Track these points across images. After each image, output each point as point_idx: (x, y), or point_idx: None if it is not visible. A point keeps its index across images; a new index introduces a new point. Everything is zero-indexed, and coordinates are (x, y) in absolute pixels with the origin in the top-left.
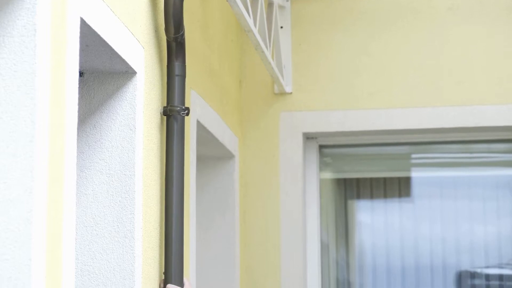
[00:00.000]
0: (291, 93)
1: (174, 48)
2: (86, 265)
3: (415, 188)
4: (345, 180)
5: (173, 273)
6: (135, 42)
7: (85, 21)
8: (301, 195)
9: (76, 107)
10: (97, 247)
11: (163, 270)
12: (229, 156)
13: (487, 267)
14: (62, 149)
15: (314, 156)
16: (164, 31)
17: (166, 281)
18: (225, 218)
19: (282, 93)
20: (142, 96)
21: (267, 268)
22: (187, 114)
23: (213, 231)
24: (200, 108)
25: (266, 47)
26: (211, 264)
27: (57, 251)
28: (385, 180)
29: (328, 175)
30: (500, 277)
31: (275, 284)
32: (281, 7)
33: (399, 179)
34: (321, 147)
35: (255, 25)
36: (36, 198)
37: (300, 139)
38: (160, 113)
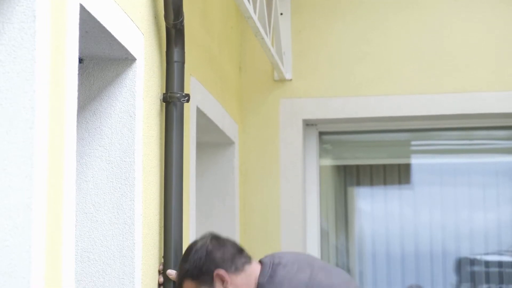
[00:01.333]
0: (291, 80)
1: (174, 34)
2: (86, 252)
3: (415, 175)
4: (345, 167)
5: (172, 259)
6: (135, 28)
7: (84, 8)
8: (301, 181)
9: (76, 94)
10: (97, 234)
11: (163, 256)
12: (228, 142)
13: (487, 254)
14: (62, 136)
15: (314, 142)
16: (163, 17)
17: (165, 267)
18: (225, 205)
19: (282, 80)
20: (142, 83)
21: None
22: (187, 100)
23: (213, 218)
24: (199, 95)
25: (266, 34)
26: None
27: (57, 238)
28: (385, 167)
29: (328, 162)
30: (500, 264)
31: None
32: None
33: (399, 166)
34: (321, 134)
35: (255, 11)
36: (36, 185)
37: (300, 125)
38: (160, 99)
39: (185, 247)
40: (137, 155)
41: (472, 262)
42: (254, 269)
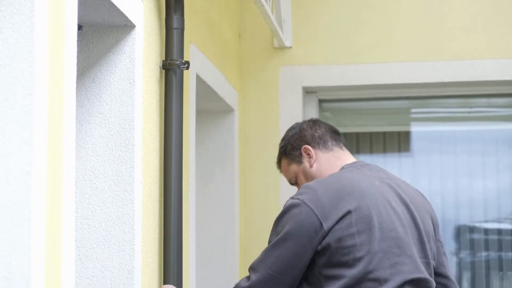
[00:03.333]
0: (290, 47)
1: (173, 1)
2: (86, 219)
3: (415, 142)
4: (344, 134)
5: (172, 226)
6: None
7: None
8: None
9: (75, 61)
10: (97, 201)
11: (163, 223)
12: (228, 110)
13: (486, 221)
14: (61, 103)
15: (313, 110)
16: None
17: (165, 234)
18: (225, 172)
19: (282, 47)
20: (141, 50)
21: (267, 222)
22: (187, 68)
23: (213, 184)
24: (199, 62)
25: (266, 1)
26: (211, 218)
27: (56, 204)
28: (384, 134)
29: None
30: (499, 232)
31: None
32: None
33: (399, 133)
34: (320, 101)
35: None
36: (36, 151)
37: (299, 93)
38: (160, 67)
39: (184, 213)
40: (136, 122)
41: (472, 229)
42: (345, 156)
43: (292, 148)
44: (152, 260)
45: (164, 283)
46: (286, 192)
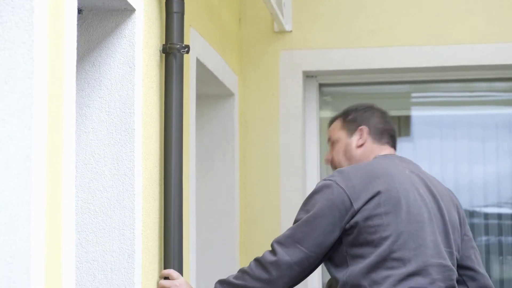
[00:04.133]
0: (291, 31)
1: None
2: (86, 203)
3: (415, 127)
4: None
5: (172, 210)
6: None
7: None
8: (301, 133)
9: (75, 45)
10: (97, 185)
11: (163, 208)
12: (228, 94)
13: (486, 206)
14: (61, 87)
15: (314, 94)
16: None
17: (165, 218)
18: (225, 156)
19: (282, 31)
20: (141, 34)
21: (267, 206)
22: (187, 52)
23: (213, 169)
24: (199, 46)
25: None
26: (211, 201)
27: (56, 189)
28: None
29: (328, 113)
30: (499, 216)
31: (275, 222)
32: None
33: (399, 118)
34: (321, 85)
35: None
36: (36, 135)
37: (300, 77)
38: (160, 51)
39: (184, 197)
40: (136, 107)
41: (472, 214)
42: (387, 151)
43: (353, 119)
44: (153, 244)
45: (165, 268)
46: (286, 176)
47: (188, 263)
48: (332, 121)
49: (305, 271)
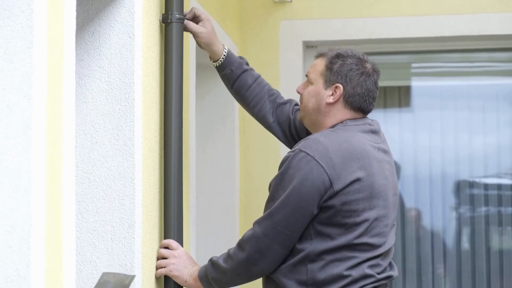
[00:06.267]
0: (291, 1)
1: None
2: (86, 173)
3: (415, 97)
4: None
5: (172, 180)
6: None
7: None
8: None
9: (74, 14)
10: (97, 155)
11: (163, 178)
12: None
13: (486, 176)
14: (61, 57)
15: None
16: None
17: (165, 189)
18: (225, 127)
19: (282, 1)
20: (141, 3)
21: (267, 176)
22: None
23: (213, 139)
24: None
25: None
26: (211, 172)
27: (56, 158)
28: (385, 89)
29: None
30: (499, 187)
31: None
32: None
33: (399, 88)
34: None
35: None
36: (35, 105)
37: (300, 47)
38: (159, 20)
39: (184, 167)
40: (136, 76)
41: (471, 185)
42: (356, 116)
43: (337, 71)
44: (153, 214)
45: (165, 238)
46: (285, 147)
47: (188, 233)
48: (318, 56)
49: (289, 249)
